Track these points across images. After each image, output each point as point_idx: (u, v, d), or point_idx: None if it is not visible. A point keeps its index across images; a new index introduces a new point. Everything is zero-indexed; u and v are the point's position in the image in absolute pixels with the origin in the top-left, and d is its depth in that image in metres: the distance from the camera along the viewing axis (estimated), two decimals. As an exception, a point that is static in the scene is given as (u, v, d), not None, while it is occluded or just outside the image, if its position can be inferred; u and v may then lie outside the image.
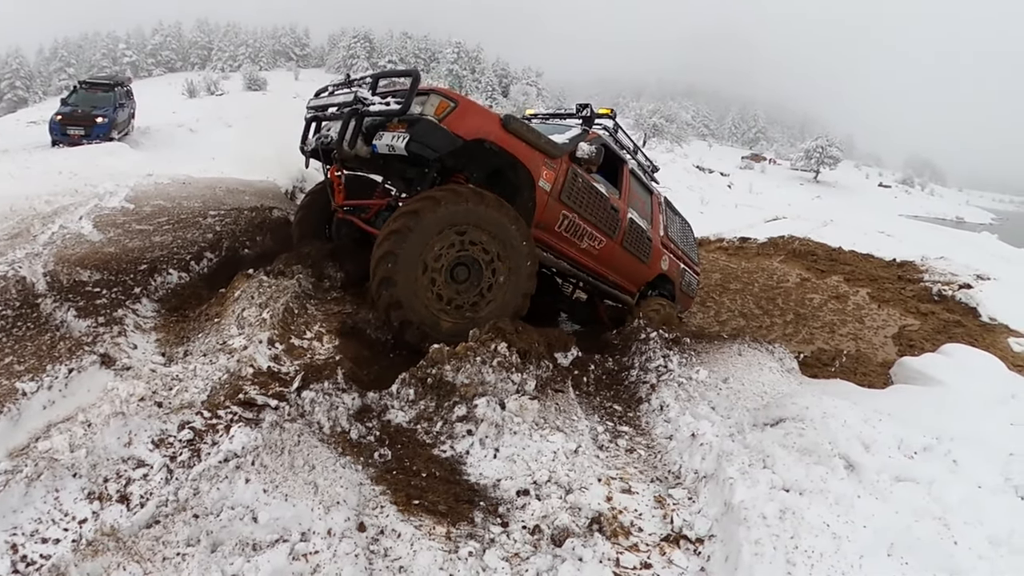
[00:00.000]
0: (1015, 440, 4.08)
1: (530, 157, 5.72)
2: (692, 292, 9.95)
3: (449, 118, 5.06)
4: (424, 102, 5.12)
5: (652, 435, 4.38)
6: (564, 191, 6.13)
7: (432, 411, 3.90)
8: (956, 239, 19.77)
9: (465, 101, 5.31)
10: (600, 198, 6.69)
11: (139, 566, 2.33)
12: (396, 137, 5.01)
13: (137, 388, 3.43)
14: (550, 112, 8.83)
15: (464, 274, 5.16)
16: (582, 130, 6.94)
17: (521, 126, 5.63)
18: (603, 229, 6.82)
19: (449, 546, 2.77)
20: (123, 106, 22.28)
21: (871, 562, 2.81)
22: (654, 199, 8.42)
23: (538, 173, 5.82)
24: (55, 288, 4.76)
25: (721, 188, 48.22)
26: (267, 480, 2.78)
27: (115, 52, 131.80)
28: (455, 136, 5.06)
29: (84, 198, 8.11)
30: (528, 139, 5.67)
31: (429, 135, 4.96)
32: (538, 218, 5.97)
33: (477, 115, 5.34)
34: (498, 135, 5.41)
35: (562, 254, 6.54)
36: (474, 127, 5.22)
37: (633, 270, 7.87)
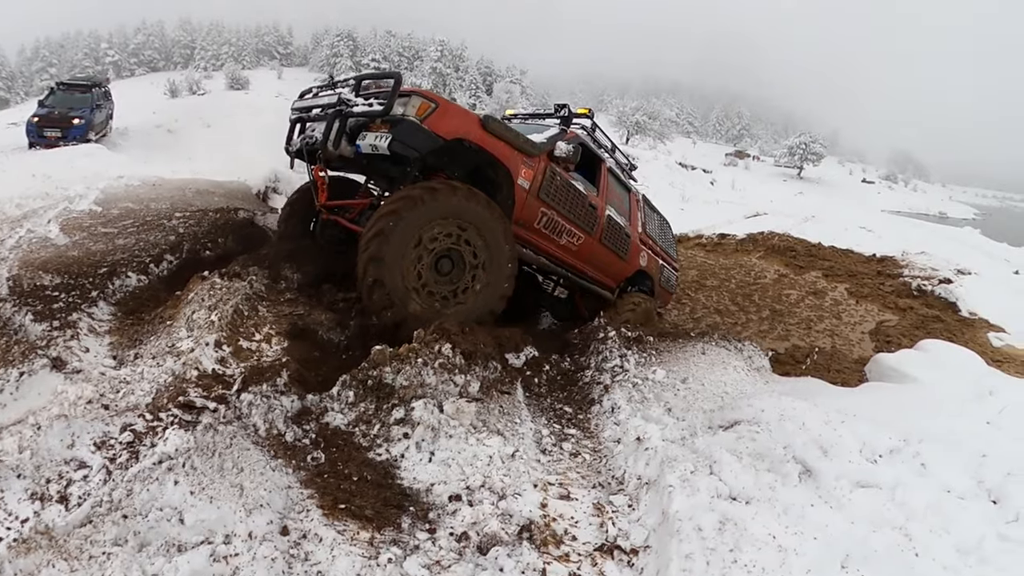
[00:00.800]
0: (990, 440, 4.01)
1: (509, 156, 5.90)
2: (671, 288, 10.11)
3: (430, 118, 5.24)
4: (406, 103, 5.27)
5: (600, 438, 4.36)
6: (543, 189, 6.33)
7: (371, 414, 3.91)
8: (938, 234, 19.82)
9: (445, 102, 5.48)
10: (578, 196, 6.90)
11: (67, 563, 2.39)
12: (379, 137, 5.21)
13: (85, 391, 3.50)
14: (529, 112, 8.96)
15: (448, 267, 5.36)
16: (560, 129, 7.17)
17: (500, 126, 5.83)
18: (581, 226, 7.03)
19: (370, 552, 2.79)
20: (101, 107, 22.15)
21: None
22: (632, 197, 8.61)
23: (517, 171, 6.00)
24: (16, 292, 4.77)
25: (703, 185, 48.18)
26: (195, 482, 2.82)
27: (97, 52, 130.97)
28: (436, 136, 5.25)
29: (54, 201, 8.11)
30: (507, 138, 5.87)
31: (411, 135, 5.15)
32: (517, 215, 6.15)
33: (457, 116, 5.53)
34: (478, 135, 5.60)
35: (541, 250, 6.76)
36: (454, 127, 5.41)
37: (612, 266, 8.06)
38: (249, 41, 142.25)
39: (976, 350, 7.69)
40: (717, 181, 54.11)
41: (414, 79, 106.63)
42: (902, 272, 12.58)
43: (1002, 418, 4.49)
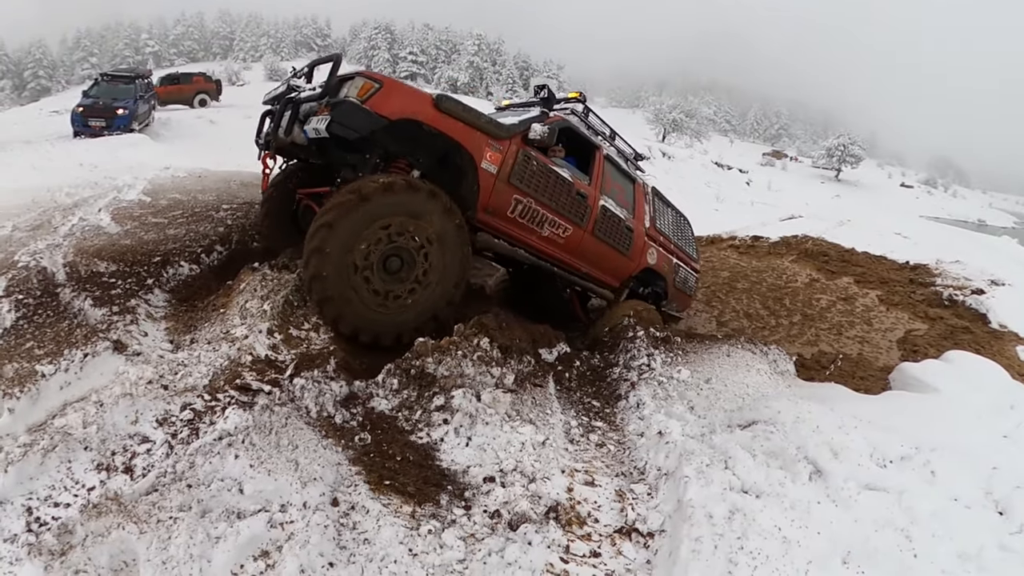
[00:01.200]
0: (1004, 453, 4.02)
1: (469, 137, 5.60)
2: (689, 290, 9.48)
3: (373, 99, 5.02)
4: (348, 85, 5.15)
5: (625, 431, 4.54)
6: (514, 174, 5.96)
7: (413, 400, 4.13)
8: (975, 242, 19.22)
9: (391, 82, 5.29)
10: (561, 182, 6.44)
11: (136, 526, 2.60)
12: (320, 120, 5.05)
13: (145, 372, 3.73)
14: (523, 101, 8.32)
15: (396, 265, 5.10)
16: (541, 112, 6.82)
17: (456, 105, 5.54)
18: (567, 216, 6.56)
19: (412, 523, 3.00)
20: (143, 98, 22.48)
21: (821, 569, 2.83)
22: (637, 188, 8.03)
23: (480, 154, 5.69)
24: (73, 278, 5.05)
25: (739, 185, 47.51)
26: (254, 457, 3.07)
27: (137, 42, 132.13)
28: (378, 116, 5.02)
29: (103, 191, 8.40)
30: (464, 119, 5.56)
31: (350, 115, 4.96)
32: (485, 202, 5.83)
33: (404, 95, 5.31)
34: (429, 115, 5.33)
35: (518, 241, 6.31)
36: (399, 107, 5.16)
37: (610, 261, 7.45)
38: (287, 33, 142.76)
39: (1003, 363, 7.52)
40: (753, 182, 53.41)
41: (451, 73, 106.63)
42: (935, 281, 12.13)
43: (1020, 432, 4.48)
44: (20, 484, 2.78)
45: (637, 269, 7.87)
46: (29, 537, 2.54)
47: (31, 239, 5.93)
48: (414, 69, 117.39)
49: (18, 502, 2.71)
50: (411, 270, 5.16)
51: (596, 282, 7.52)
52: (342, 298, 4.81)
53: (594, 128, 7.65)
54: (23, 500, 2.72)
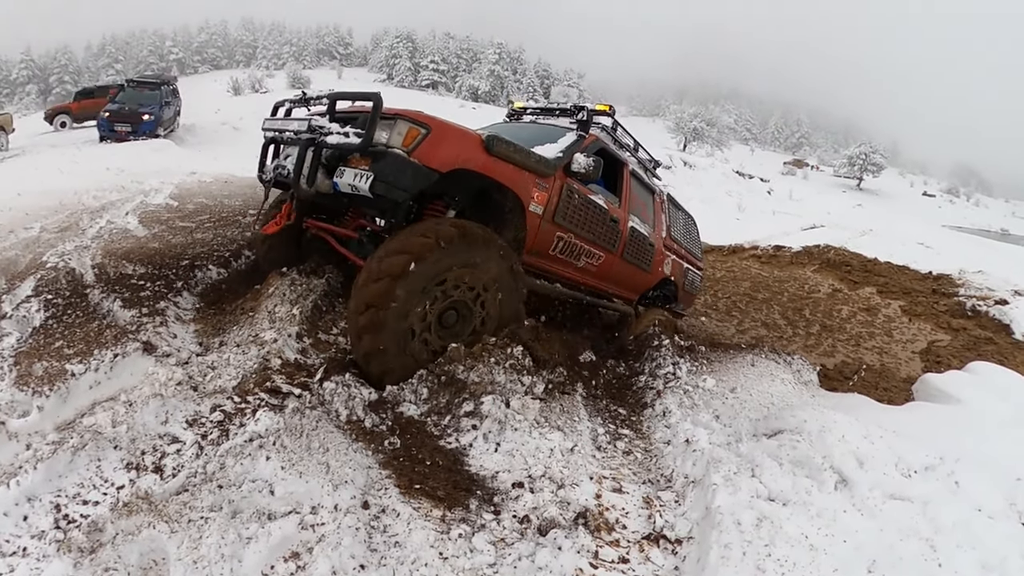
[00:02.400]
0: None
1: (519, 181, 5.17)
2: (695, 290, 9.69)
3: (420, 148, 4.37)
4: (390, 129, 4.40)
5: (651, 439, 4.53)
6: (559, 212, 5.60)
7: (443, 406, 4.12)
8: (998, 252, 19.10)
9: (439, 125, 4.55)
10: (598, 212, 6.18)
11: (167, 526, 2.61)
12: (359, 176, 4.32)
13: (175, 373, 3.78)
14: (542, 107, 7.85)
15: (453, 319, 4.67)
16: (577, 136, 6.28)
17: (507, 148, 4.97)
18: (602, 245, 6.36)
19: (442, 527, 2.99)
20: (169, 104, 22.87)
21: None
22: (656, 199, 7.98)
23: (528, 197, 5.27)
24: (102, 280, 5.11)
25: (760, 194, 47.30)
26: (285, 459, 3.07)
27: (162, 49, 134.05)
28: (428, 170, 4.41)
29: (130, 194, 8.50)
30: (516, 161, 5.08)
31: (397, 172, 4.29)
32: (530, 245, 5.49)
33: (454, 141, 4.64)
34: (481, 162, 4.79)
35: (557, 276, 6.10)
36: (451, 156, 4.55)
37: (634, 280, 7.51)
38: (310, 41, 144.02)
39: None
40: (774, 191, 53.14)
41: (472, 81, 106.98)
42: (958, 291, 12.17)
43: None
44: (49, 481, 2.81)
45: (655, 281, 8.02)
46: (57, 534, 2.56)
47: (59, 241, 6.00)
48: (435, 78, 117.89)
49: (47, 499, 2.73)
50: (468, 322, 4.78)
51: (619, 298, 7.57)
52: (403, 368, 4.31)
53: (620, 142, 7.43)
54: (52, 497, 2.75)
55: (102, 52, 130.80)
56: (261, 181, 5.65)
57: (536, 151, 5.51)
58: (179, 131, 24.01)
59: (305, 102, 5.54)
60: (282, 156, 5.41)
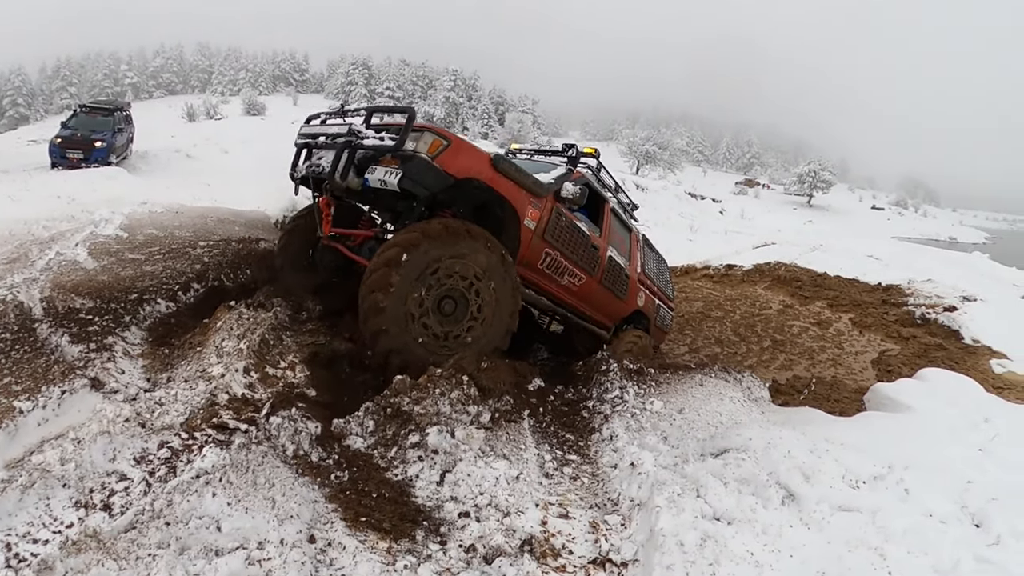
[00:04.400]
0: (979, 466, 4.12)
1: (517, 196, 5.87)
2: (666, 327, 10.17)
3: (442, 156, 5.17)
4: (418, 139, 5.19)
5: (599, 464, 4.58)
6: (548, 230, 6.31)
7: (389, 438, 4.14)
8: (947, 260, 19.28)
9: (457, 140, 5.40)
10: (582, 236, 6.89)
11: (115, 563, 2.64)
12: (389, 173, 5.09)
13: (123, 410, 3.77)
14: (535, 148, 8.92)
15: (451, 307, 5.29)
16: (567, 169, 7.16)
17: (510, 166, 5.78)
18: (583, 267, 7.01)
19: (388, 559, 3.03)
20: (122, 131, 22.59)
21: (794, 591, 2.87)
22: (633, 237, 8.64)
23: (524, 212, 5.97)
24: (51, 314, 5.05)
25: (712, 215, 48.05)
26: (232, 495, 3.10)
27: (117, 73, 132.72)
28: (447, 175, 5.18)
29: (80, 224, 8.38)
30: (516, 179, 5.84)
31: (422, 173, 5.07)
32: (522, 256, 6.11)
33: (469, 154, 5.46)
34: (488, 175, 5.56)
35: (543, 290, 6.74)
36: (465, 166, 5.35)
37: (611, 306, 8.08)
38: (266, 67, 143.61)
39: (977, 378, 7.67)
40: (726, 211, 54.05)
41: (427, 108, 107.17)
42: (907, 301, 12.46)
43: (994, 445, 4.56)
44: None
45: (629, 311, 8.61)
46: (8, 573, 2.57)
47: (8, 272, 5.92)
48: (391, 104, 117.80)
49: (-3, 537, 2.72)
50: (465, 309, 5.39)
51: (596, 323, 8.15)
52: (406, 347, 5.00)
53: (603, 182, 8.10)
54: (2, 536, 2.75)
55: (56, 75, 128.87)
56: (292, 179, 6.68)
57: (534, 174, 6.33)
58: (132, 158, 23.69)
59: (342, 114, 6.37)
60: (315, 157, 6.06)
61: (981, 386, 6.77)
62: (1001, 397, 6.90)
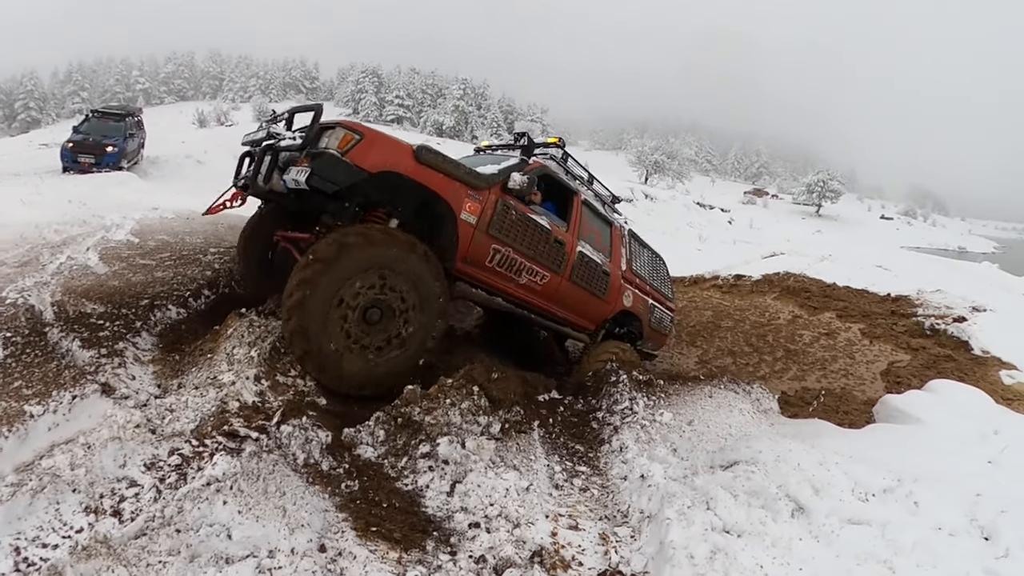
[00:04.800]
0: (988, 478, 4.07)
1: (448, 189, 5.61)
2: (664, 329, 9.59)
3: (353, 151, 4.99)
4: (329, 135, 5.10)
5: (608, 475, 4.57)
6: (493, 224, 5.99)
7: (400, 448, 4.16)
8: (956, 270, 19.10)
9: (372, 134, 5.21)
10: (539, 231, 6.50)
11: (126, 569, 2.63)
12: (299, 171, 5.02)
13: (133, 416, 3.78)
14: (502, 143, 8.20)
15: (376, 316, 5.12)
16: (520, 160, 6.79)
17: (435, 157, 5.53)
18: (544, 263, 6.63)
19: (398, 569, 3.03)
20: (133, 136, 22.64)
21: (802, 604, 2.84)
22: (614, 231, 8.12)
23: (459, 205, 5.70)
24: (62, 318, 5.06)
25: (721, 224, 47.94)
26: (242, 503, 3.09)
27: (128, 78, 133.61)
28: (358, 169, 5.00)
29: (92, 229, 8.42)
30: (444, 170, 5.57)
31: (329, 168, 4.93)
32: (464, 252, 5.84)
33: (384, 147, 5.25)
34: (409, 167, 5.32)
35: (497, 290, 6.38)
36: (380, 159, 5.14)
37: (587, 305, 7.57)
38: (276, 75, 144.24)
39: (986, 389, 7.59)
40: (735, 220, 53.93)
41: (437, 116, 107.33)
42: (916, 311, 12.23)
43: (1004, 457, 4.54)
44: (8, 524, 2.80)
45: (613, 312, 8.01)
46: (18, 577, 2.54)
47: (19, 275, 5.94)
48: (400, 113, 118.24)
49: (6, 542, 2.73)
50: (391, 320, 5.22)
51: (572, 326, 7.63)
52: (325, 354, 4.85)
53: (572, 173, 7.64)
54: (11, 540, 2.74)
55: (68, 79, 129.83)
56: (235, 185, 6.53)
57: (471, 165, 6.16)
58: (143, 164, 23.73)
59: (275, 120, 6.14)
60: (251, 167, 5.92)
61: (990, 397, 6.72)
62: (1011, 408, 6.82)
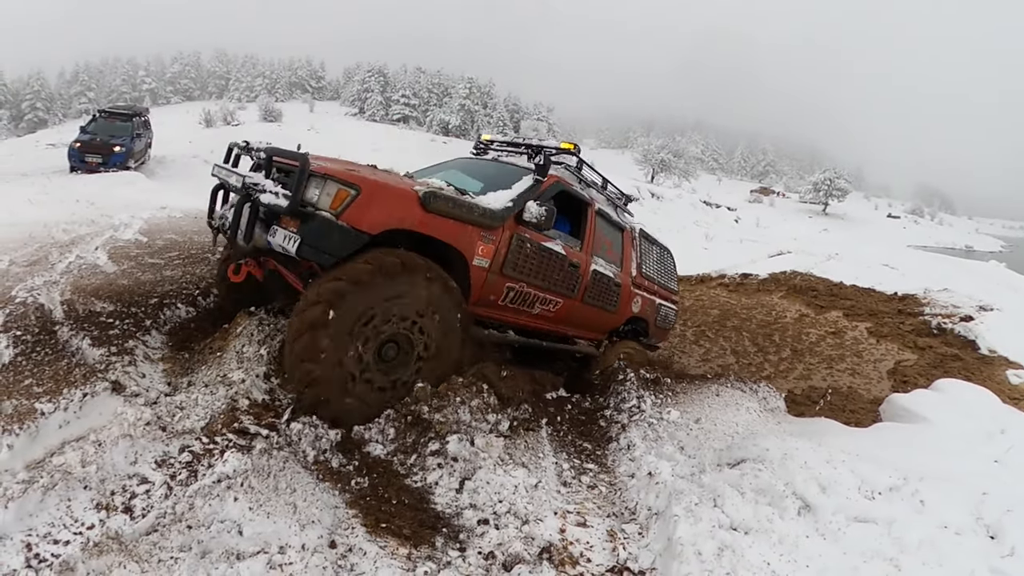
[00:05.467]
0: (994, 477, 4.11)
1: (460, 236, 5.01)
2: (669, 325, 9.43)
3: (349, 211, 4.25)
4: (320, 188, 4.29)
5: (616, 473, 4.58)
6: (508, 263, 5.47)
7: (409, 445, 4.17)
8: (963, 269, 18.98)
9: (370, 185, 4.40)
10: (555, 259, 6.02)
11: (138, 565, 2.65)
12: (288, 238, 4.25)
13: (144, 413, 3.80)
14: (508, 140, 7.63)
15: (394, 352, 4.53)
16: (534, 181, 6.02)
17: (446, 204, 4.82)
18: (559, 291, 6.20)
19: (408, 565, 3.04)
20: (140, 136, 22.78)
21: (808, 601, 2.86)
22: (626, 236, 7.74)
23: (472, 251, 5.13)
24: (71, 317, 5.09)
25: (728, 223, 47.90)
26: (253, 500, 3.12)
27: (135, 78, 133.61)
28: (358, 233, 4.30)
29: (100, 228, 8.46)
30: (456, 216, 4.92)
31: (324, 237, 4.19)
32: (476, 297, 5.37)
33: (386, 201, 4.50)
34: (416, 220, 4.64)
35: (509, 324, 6.02)
36: (383, 217, 4.43)
37: (598, 321, 7.35)
38: (282, 74, 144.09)
39: (993, 388, 7.59)
40: (741, 219, 53.86)
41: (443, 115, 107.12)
42: (923, 310, 12.25)
43: (1010, 456, 4.57)
44: (20, 520, 2.82)
45: (622, 321, 7.85)
46: (28, 573, 2.57)
47: (28, 275, 5.97)
48: (407, 112, 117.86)
49: (18, 538, 2.74)
50: (410, 352, 4.63)
51: (581, 339, 7.50)
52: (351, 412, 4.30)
53: (586, 180, 7.23)
54: (23, 536, 2.76)
55: (75, 79, 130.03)
56: (210, 227, 5.59)
57: (486, 199, 5.45)
58: (150, 163, 23.91)
59: (248, 151, 5.36)
60: (228, 204, 5.30)
61: (997, 397, 6.74)
62: (1017, 408, 6.84)
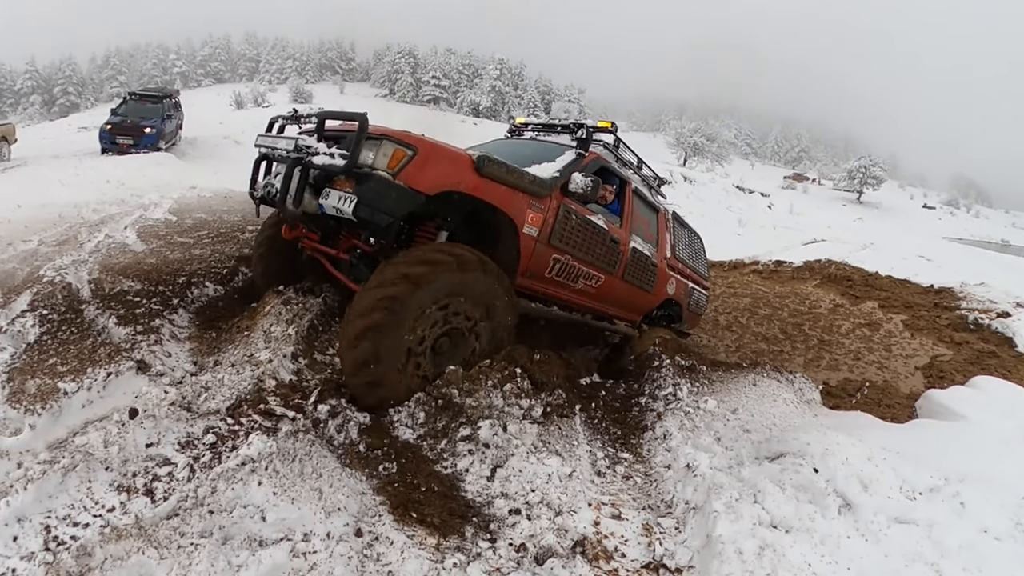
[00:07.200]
0: None
1: (512, 202, 5.00)
2: (700, 310, 9.43)
3: (407, 171, 4.18)
4: (376, 150, 4.23)
5: (652, 463, 4.44)
6: (555, 234, 5.45)
7: (439, 430, 4.05)
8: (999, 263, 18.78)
9: (427, 146, 4.36)
10: (598, 233, 6.03)
11: (156, 551, 2.56)
12: (343, 199, 4.17)
13: (168, 394, 3.75)
14: (543, 123, 7.54)
15: (447, 344, 4.55)
16: (576, 154, 6.03)
17: (499, 169, 4.81)
18: (601, 266, 6.20)
19: (437, 556, 2.93)
20: (171, 117, 22.98)
21: (850, 605, 2.75)
22: (660, 217, 7.75)
23: (522, 219, 5.11)
24: (98, 296, 5.07)
25: (761, 209, 47.39)
26: (277, 484, 3.02)
27: (165, 62, 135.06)
28: (415, 193, 4.23)
29: (130, 208, 8.46)
30: (508, 181, 4.92)
31: (381, 196, 4.12)
32: (524, 267, 5.33)
33: (443, 163, 4.45)
34: (471, 183, 4.60)
35: (552, 299, 6.01)
36: (439, 178, 4.37)
37: (635, 301, 7.32)
38: (312, 56, 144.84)
39: None
40: (775, 205, 53.23)
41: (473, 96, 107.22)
42: (959, 304, 12.01)
43: None
44: (39, 502, 2.76)
45: (658, 302, 7.84)
46: (47, 556, 2.51)
47: (57, 254, 5.97)
48: (437, 93, 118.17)
49: (36, 520, 2.69)
50: (461, 349, 4.67)
51: (620, 320, 7.50)
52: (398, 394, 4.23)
53: (623, 159, 7.17)
54: (42, 518, 2.70)
55: (106, 64, 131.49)
56: (252, 198, 5.48)
57: (532, 171, 5.36)
58: (181, 144, 24.01)
59: (296, 119, 5.31)
60: (272, 174, 5.18)
61: (1035, 398, 6.51)
62: (1055, 410, 6.62)
